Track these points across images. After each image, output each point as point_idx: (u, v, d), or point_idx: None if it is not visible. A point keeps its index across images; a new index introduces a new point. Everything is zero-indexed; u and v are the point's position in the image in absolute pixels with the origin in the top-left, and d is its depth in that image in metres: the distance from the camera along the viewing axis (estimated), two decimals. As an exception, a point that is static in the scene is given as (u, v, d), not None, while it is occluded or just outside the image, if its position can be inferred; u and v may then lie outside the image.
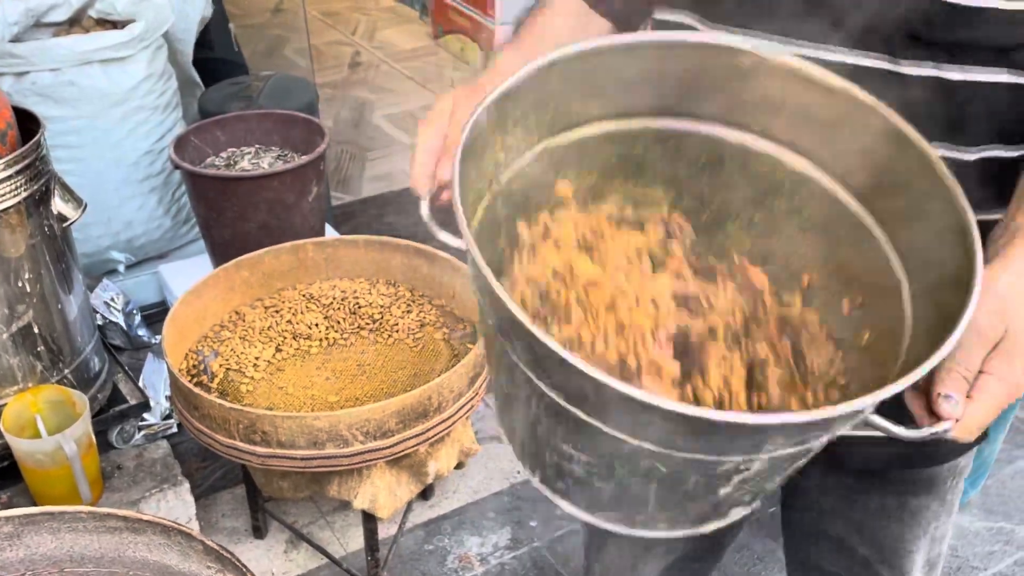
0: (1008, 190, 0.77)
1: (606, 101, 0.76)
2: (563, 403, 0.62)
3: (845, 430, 0.61)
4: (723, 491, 0.65)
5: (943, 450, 0.98)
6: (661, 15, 0.93)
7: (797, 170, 0.76)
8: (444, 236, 0.71)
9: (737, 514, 0.72)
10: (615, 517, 0.72)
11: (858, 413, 0.58)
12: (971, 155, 0.81)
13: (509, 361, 0.66)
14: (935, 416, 0.62)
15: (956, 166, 0.78)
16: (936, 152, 0.69)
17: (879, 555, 1.07)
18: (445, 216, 0.71)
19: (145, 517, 1.06)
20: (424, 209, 0.74)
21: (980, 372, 0.63)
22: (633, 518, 0.71)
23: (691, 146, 0.78)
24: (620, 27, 0.95)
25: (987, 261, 0.65)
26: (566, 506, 0.73)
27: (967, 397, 0.62)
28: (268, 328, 1.78)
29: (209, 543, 1.02)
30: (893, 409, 0.61)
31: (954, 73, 0.77)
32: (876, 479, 1.01)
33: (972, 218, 0.65)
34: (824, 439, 0.62)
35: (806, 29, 0.78)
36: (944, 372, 0.62)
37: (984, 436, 1.00)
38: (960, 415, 0.61)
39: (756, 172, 0.77)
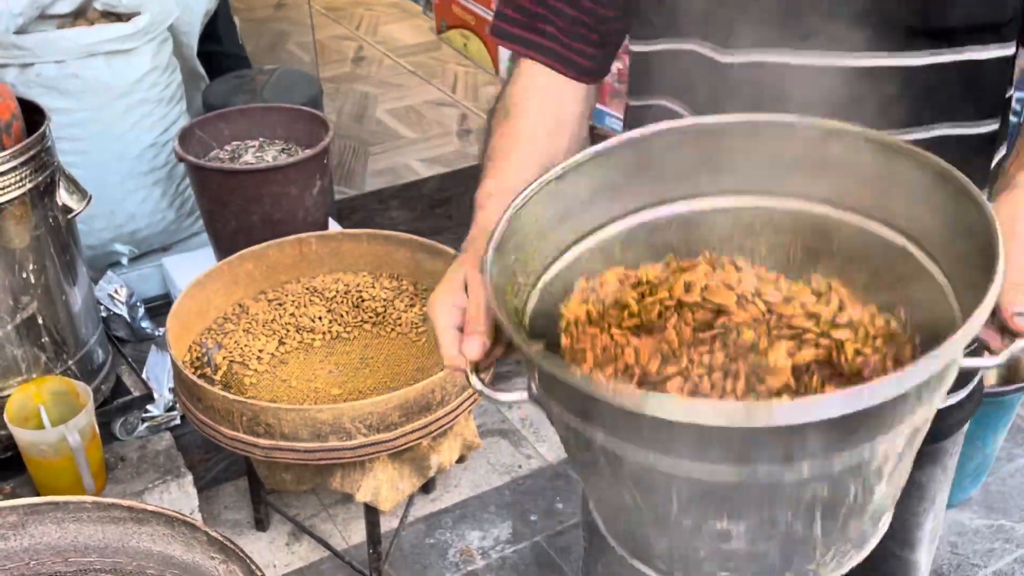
0: (990, 97, 0.85)
1: (591, 213, 0.77)
2: (701, 473, 0.60)
3: (949, 383, 0.63)
4: (878, 491, 0.65)
5: (950, 423, 1.01)
6: (668, 44, 0.91)
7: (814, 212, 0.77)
8: (505, 396, 0.69)
9: (886, 522, 0.72)
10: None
11: (970, 343, 0.59)
12: (984, 128, 0.85)
13: (616, 465, 0.63)
14: (1010, 337, 0.63)
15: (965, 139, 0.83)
16: (908, 145, 0.70)
17: (888, 531, 1.08)
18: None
19: (149, 507, 1.06)
20: (475, 382, 0.70)
21: None
22: (804, 571, 0.69)
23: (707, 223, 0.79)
24: (590, 80, 0.96)
25: (993, 198, 0.69)
26: None
27: None
28: (271, 321, 1.78)
29: (213, 533, 1.03)
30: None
31: (952, 55, 0.81)
32: None
33: (964, 179, 0.66)
34: (938, 397, 0.63)
35: (815, 40, 0.81)
36: (1009, 293, 0.63)
37: (979, 403, 1.04)
38: None
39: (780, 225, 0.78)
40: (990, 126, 0.87)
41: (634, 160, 0.76)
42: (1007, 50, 0.84)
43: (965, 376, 0.91)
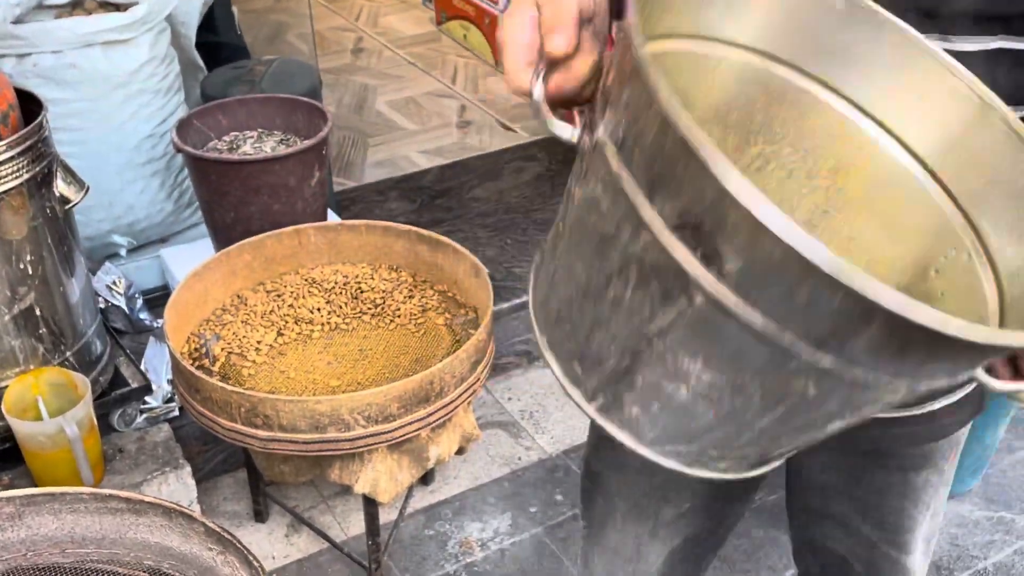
0: None
1: (741, 23, 0.67)
2: (732, 302, 0.49)
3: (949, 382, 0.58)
4: (834, 425, 0.58)
5: (945, 424, 0.99)
6: None
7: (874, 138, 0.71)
8: (560, 128, 0.59)
9: (782, 459, 0.66)
10: (682, 452, 0.61)
11: None
12: None
13: (634, 236, 0.52)
14: (1021, 377, 0.61)
15: None
16: (1020, 123, 0.66)
17: (883, 533, 1.08)
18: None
19: (147, 499, 1.06)
20: (539, 91, 0.59)
21: None
22: (705, 454, 0.61)
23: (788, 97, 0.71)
24: None
25: None
26: (623, 437, 0.61)
27: None
28: (270, 312, 1.78)
29: (211, 525, 1.02)
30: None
31: (959, 44, 0.79)
32: (879, 456, 1.02)
33: None
34: (955, 381, 0.60)
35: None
36: None
37: (980, 409, 1.02)
38: None
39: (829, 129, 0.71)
40: None
41: (826, 10, 0.67)
42: (1011, 44, 0.81)
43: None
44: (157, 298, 2.35)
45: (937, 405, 0.95)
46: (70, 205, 1.65)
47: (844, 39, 0.69)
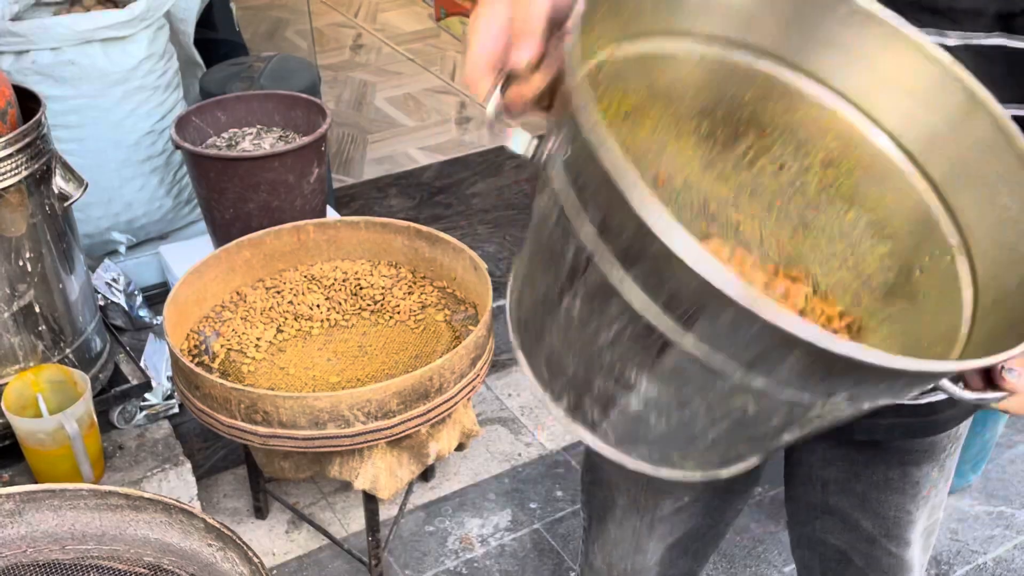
0: None
1: (700, 15, 0.67)
2: (668, 326, 0.52)
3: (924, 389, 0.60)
4: (786, 436, 0.60)
5: (944, 418, 0.99)
6: None
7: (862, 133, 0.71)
8: (511, 141, 0.59)
9: (757, 461, 0.67)
10: (645, 454, 0.63)
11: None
12: None
13: (576, 255, 0.54)
14: (992, 386, 0.62)
15: None
16: (1007, 119, 0.66)
17: (882, 527, 1.08)
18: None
19: (146, 495, 1.06)
20: (491, 105, 0.59)
21: None
22: (668, 457, 0.63)
23: (757, 86, 0.71)
24: None
25: None
26: (589, 439, 0.64)
27: None
28: (269, 309, 1.78)
29: (211, 521, 1.03)
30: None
31: (954, 39, 0.79)
32: (879, 450, 1.02)
33: None
34: (908, 396, 0.60)
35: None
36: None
37: (979, 405, 1.02)
38: (1021, 388, 0.62)
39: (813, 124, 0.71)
40: None
41: None
42: (1011, 42, 0.80)
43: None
44: (156, 295, 2.35)
45: (935, 397, 0.95)
46: (69, 202, 1.64)
47: (829, 31, 0.68)
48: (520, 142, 0.59)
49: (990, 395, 0.62)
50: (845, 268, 0.68)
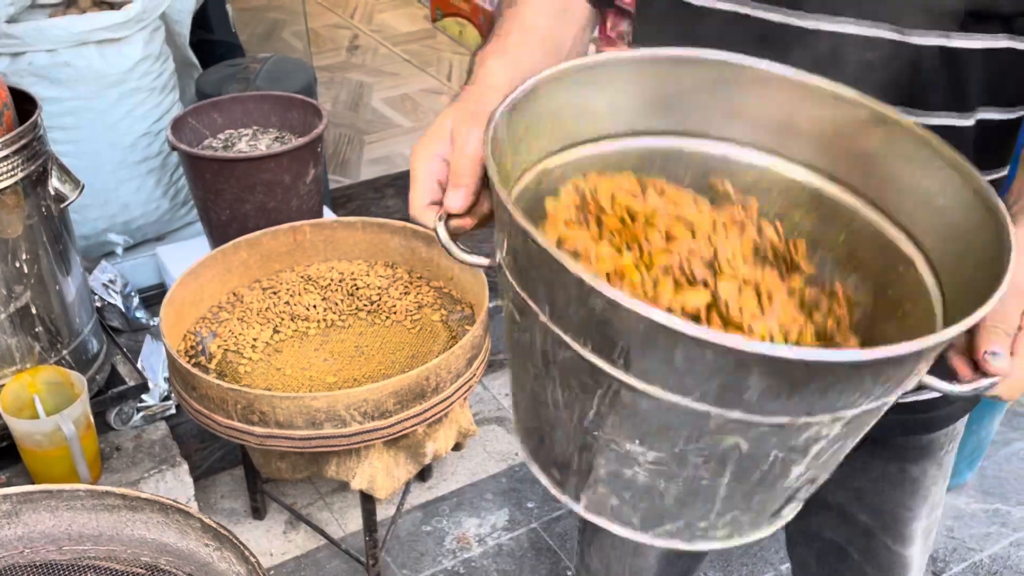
0: (1002, 151, 0.82)
1: (606, 119, 0.73)
2: (635, 383, 0.56)
3: (906, 388, 0.60)
4: (795, 470, 0.62)
5: (941, 415, 0.99)
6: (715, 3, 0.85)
7: (797, 179, 0.74)
8: (470, 258, 0.67)
9: (791, 512, 0.69)
10: (674, 530, 0.66)
11: (942, 344, 0.58)
12: (969, 120, 0.82)
13: (543, 340, 0.59)
14: (980, 374, 0.62)
15: (955, 132, 0.80)
16: (924, 130, 0.68)
17: (880, 523, 1.08)
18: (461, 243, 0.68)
19: (143, 495, 1.06)
20: (443, 233, 0.67)
21: (1020, 328, 0.64)
22: (695, 527, 0.66)
23: (691, 163, 0.75)
24: (598, 5, 0.91)
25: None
26: (618, 529, 0.67)
27: (1011, 354, 0.63)
28: (266, 309, 1.78)
29: (207, 521, 1.03)
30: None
31: (959, 41, 0.78)
32: (876, 447, 1.02)
33: (986, 182, 0.64)
34: (891, 399, 0.61)
35: (814, 2, 0.79)
36: (986, 331, 0.62)
37: (976, 400, 1.02)
38: (1009, 370, 0.62)
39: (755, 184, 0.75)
40: (972, 118, 0.83)
41: (663, 78, 0.72)
42: (1013, 43, 0.80)
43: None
44: (153, 296, 2.35)
45: (931, 394, 0.95)
46: (65, 203, 1.64)
47: (728, 99, 0.73)
48: (476, 259, 0.67)
49: (980, 383, 0.62)
50: (819, 314, 0.70)
